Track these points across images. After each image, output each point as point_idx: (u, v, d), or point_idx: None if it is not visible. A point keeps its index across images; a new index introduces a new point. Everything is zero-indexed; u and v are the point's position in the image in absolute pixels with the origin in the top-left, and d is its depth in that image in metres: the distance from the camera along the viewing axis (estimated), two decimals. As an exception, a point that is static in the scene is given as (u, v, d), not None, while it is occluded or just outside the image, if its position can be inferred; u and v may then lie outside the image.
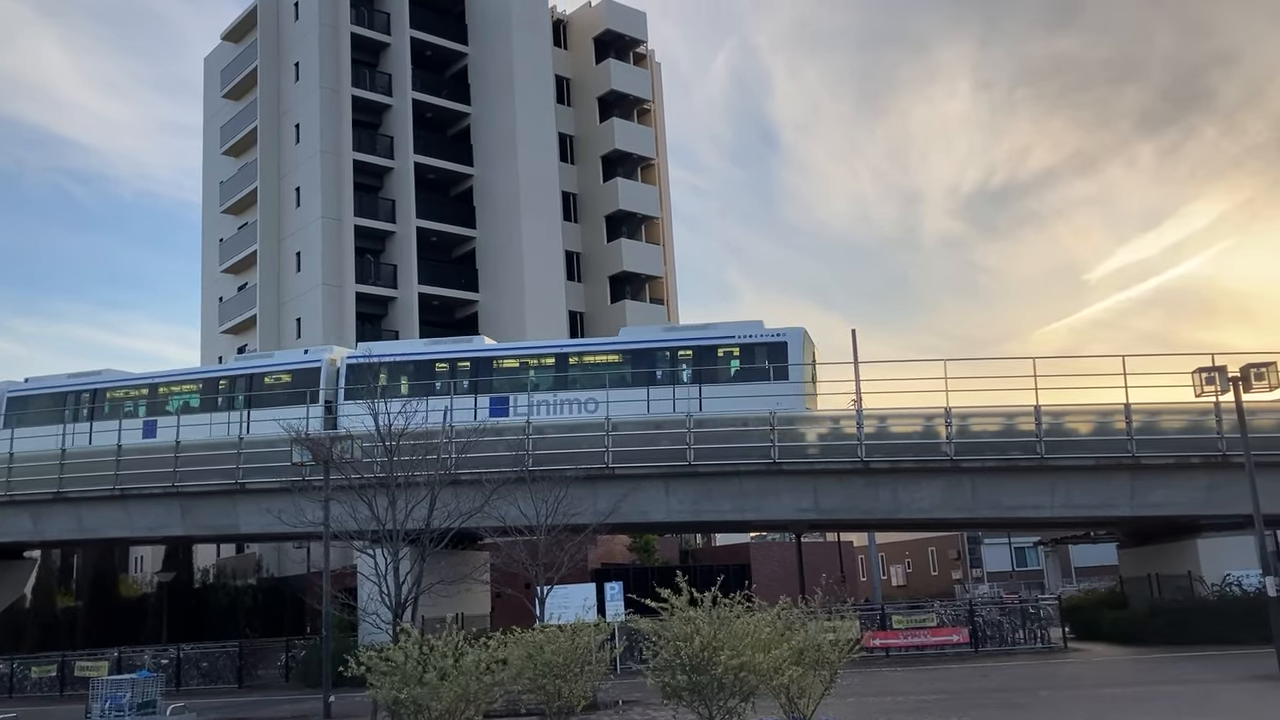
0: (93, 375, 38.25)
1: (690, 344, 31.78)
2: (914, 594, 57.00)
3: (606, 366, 32.29)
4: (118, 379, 38.20)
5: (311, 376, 33.59)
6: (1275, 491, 26.94)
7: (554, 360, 32.97)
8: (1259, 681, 19.32)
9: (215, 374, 37.11)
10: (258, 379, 34.54)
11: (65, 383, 38.31)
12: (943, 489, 29.20)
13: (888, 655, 28.28)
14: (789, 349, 31.05)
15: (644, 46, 55.83)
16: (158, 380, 37.13)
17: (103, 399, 36.88)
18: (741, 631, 11.19)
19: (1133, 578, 34.35)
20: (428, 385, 31.81)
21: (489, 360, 33.49)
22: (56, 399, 37.33)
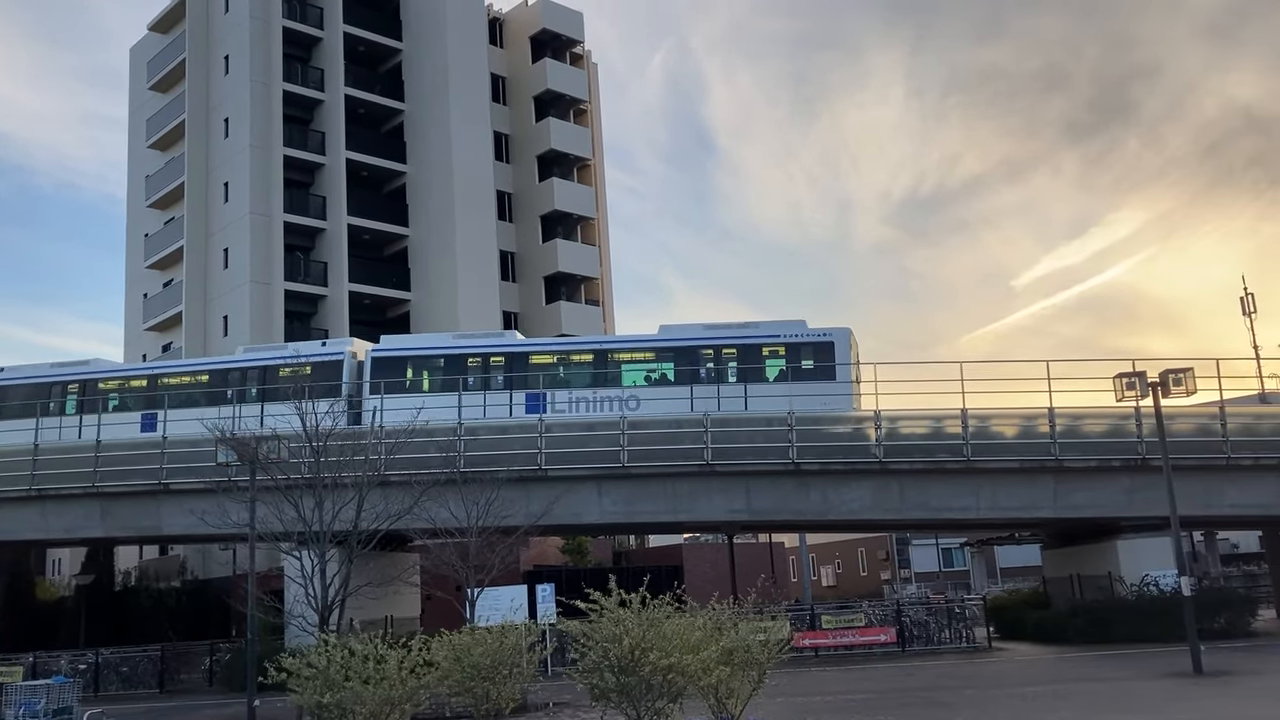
0: (79, 365, 36.29)
1: (735, 342, 31.57)
2: (844, 594, 57.67)
3: (645, 363, 32.08)
4: (110, 369, 36.66)
5: (332, 370, 32.46)
6: (1192, 494, 27.74)
7: (592, 356, 32.44)
8: (1174, 679, 19.83)
9: (224, 365, 34.82)
10: (271, 371, 32.89)
11: (48, 373, 36.09)
12: (872, 490, 29.54)
13: (817, 655, 28.53)
14: (835, 349, 31.17)
15: (580, 47, 55.74)
16: (158, 371, 35.59)
17: (93, 390, 34.89)
18: (670, 633, 11.19)
19: (1055, 578, 35.07)
20: (458, 380, 31.20)
21: (524, 355, 32.57)
22: (38, 390, 34.92)
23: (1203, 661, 20.62)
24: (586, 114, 55.54)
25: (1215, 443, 28.94)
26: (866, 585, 60.61)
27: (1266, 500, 29.73)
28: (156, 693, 30.30)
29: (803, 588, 46.03)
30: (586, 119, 55.44)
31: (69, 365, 36.42)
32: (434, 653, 13.24)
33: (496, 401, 31.05)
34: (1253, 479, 29.56)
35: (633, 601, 11.78)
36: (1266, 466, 29.35)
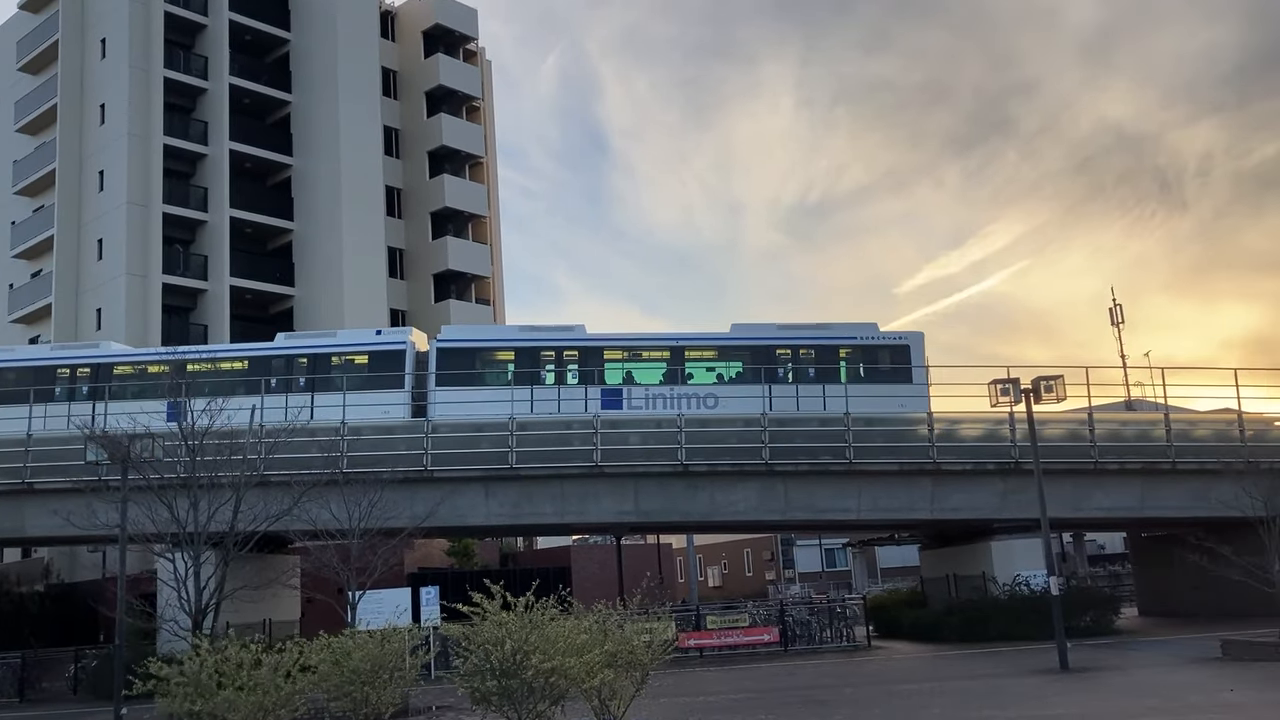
0: (89, 348, 33.70)
1: (812, 342, 31.72)
2: (729, 595, 58.27)
3: (720, 361, 31.84)
4: (128, 353, 34.24)
5: (392, 360, 31.12)
6: (1061, 497, 28.86)
7: (669, 353, 31.92)
8: (1041, 675, 20.56)
9: (265, 352, 32.48)
10: (322, 360, 31.39)
11: (48, 355, 33.46)
12: (758, 492, 29.94)
13: (701, 655, 28.77)
14: (911, 351, 31.75)
15: (474, 43, 55.25)
16: (186, 356, 32.86)
17: (107, 375, 32.05)
18: (554, 635, 11.14)
19: (932, 578, 36.04)
20: (527, 374, 30.83)
21: (599, 350, 31.74)
22: (39, 374, 32.15)
23: (1069, 658, 21.44)
24: (479, 111, 55.09)
25: (1084, 448, 30.14)
26: (752, 585, 61.40)
27: (1130, 503, 31.08)
28: (16, 701, 28.97)
29: (689, 588, 46.40)
30: (479, 116, 54.99)
31: (73, 347, 33.75)
32: (312, 657, 12.92)
33: (571, 396, 30.65)
34: (1118, 483, 30.87)
35: (517, 604, 11.70)
36: (1131, 471, 30.68)
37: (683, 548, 51.62)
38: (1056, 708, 16.00)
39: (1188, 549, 26.82)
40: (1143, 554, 40.70)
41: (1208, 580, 26.69)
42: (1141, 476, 30.86)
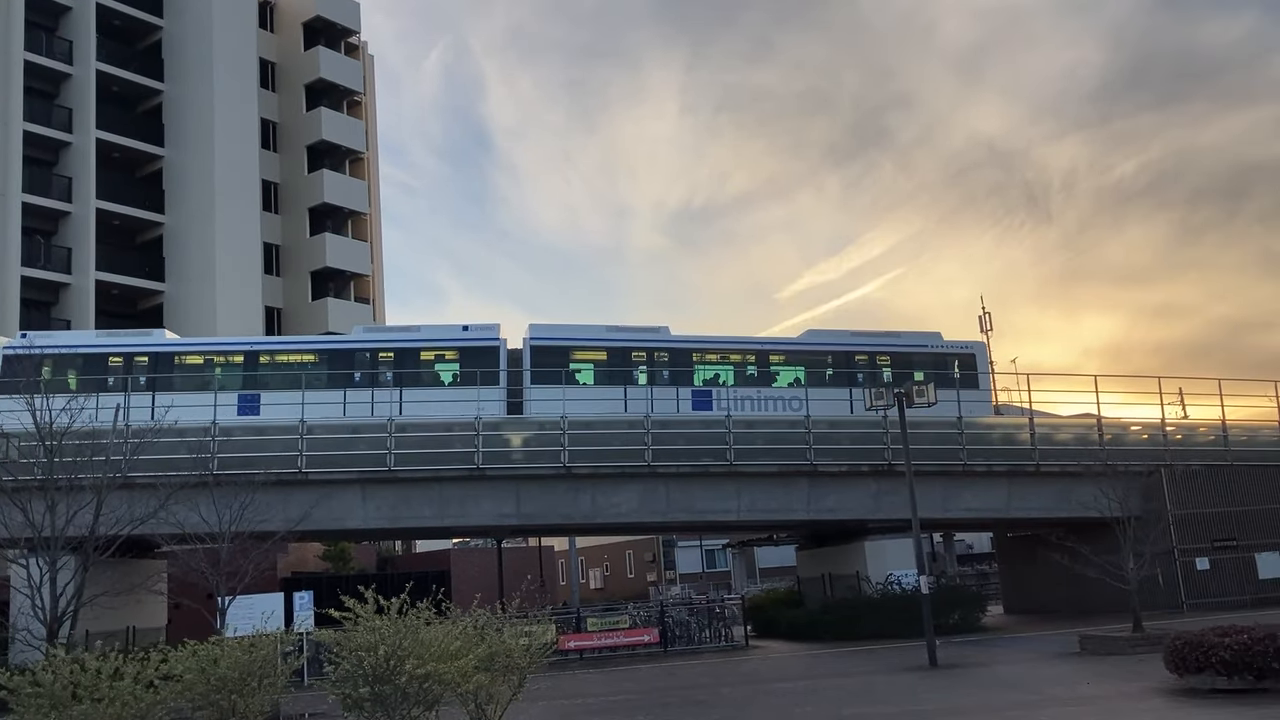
0: (139, 335, 31.74)
1: (887, 349, 32.79)
2: (611, 596, 58.38)
3: (801, 365, 32.62)
4: (192, 341, 32.40)
5: (484, 356, 30.74)
6: (932, 498, 29.75)
7: (754, 356, 32.54)
8: (912, 672, 21.13)
9: (347, 345, 31.84)
10: (409, 354, 30.86)
11: (96, 342, 31.17)
12: (640, 493, 30.06)
13: (581, 658, 28.72)
14: (977, 359, 33.83)
15: (356, 37, 54.22)
16: (260, 347, 31.69)
17: (166, 365, 30.45)
18: (429, 640, 10.95)
19: (809, 578, 36.74)
20: (617, 374, 31.11)
21: (688, 352, 32.24)
22: (88, 363, 30.13)
23: (939, 655, 22.08)
24: (361, 106, 54.06)
25: (953, 450, 31.11)
26: (634, 587, 61.64)
27: (997, 504, 32.20)
28: None
29: (571, 590, 46.30)
30: (361, 111, 53.96)
31: (123, 334, 31.79)
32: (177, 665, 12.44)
33: (662, 396, 30.97)
34: (985, 484, 31.95)
35: (391, 608, 11.47)
36: (997, 473, 31.80)
37: (565, 550, 51.53)
38: (926, 703, 16.44)
39: (1050, 548, 27.93)
40: (1008, 553, 42.19)
41: (1068, 578, 27.83)
42: (1007, 478, 32.01)
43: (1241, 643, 14.78)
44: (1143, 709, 14.22)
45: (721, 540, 56.11)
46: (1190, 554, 31.84)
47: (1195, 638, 15.51)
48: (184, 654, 12.76)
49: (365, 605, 11.34)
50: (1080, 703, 15.14)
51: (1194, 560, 31.87)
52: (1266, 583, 32.10)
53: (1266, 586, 31.89)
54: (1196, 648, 15.21)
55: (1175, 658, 15.58)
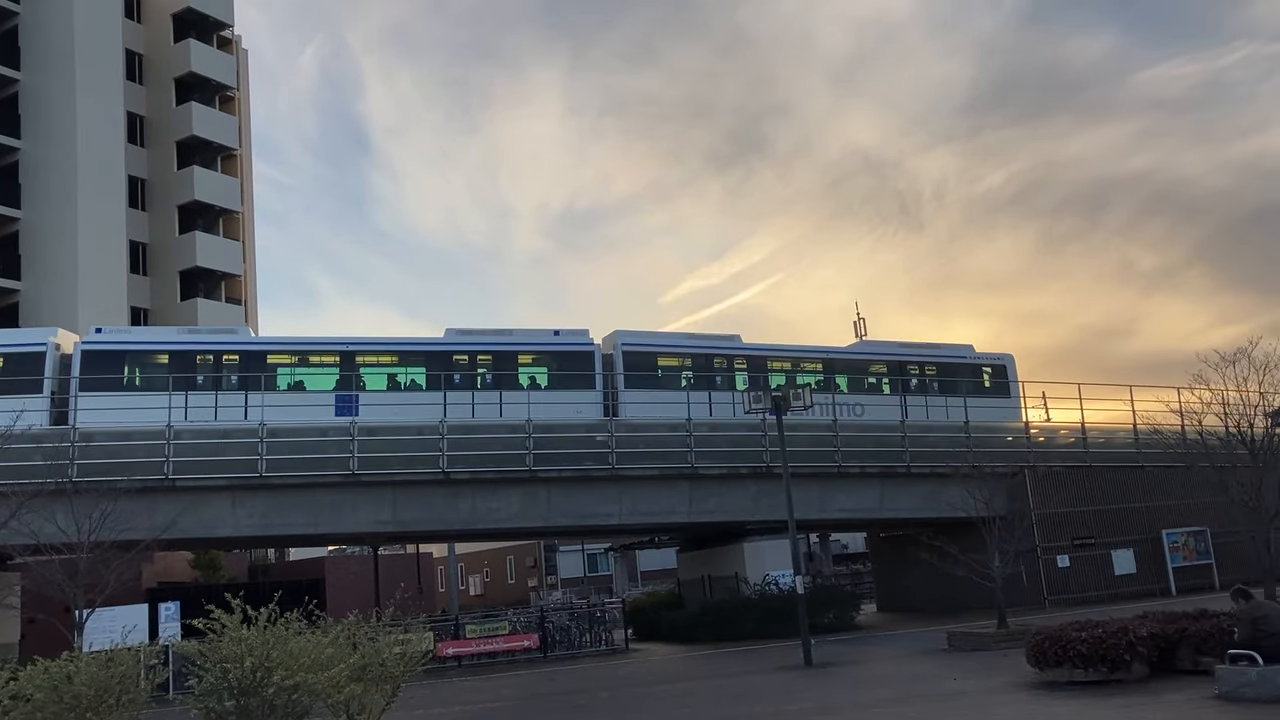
0: (225, 333, 30.97)
1: (932, 360, 35.62)
2: (491, 603, 57.91)
3: (861, 374, 35.04)
4: (285, 340, 31.66)
5: (579, 361, 31.81)
6: (809, 499, 30.33)
7: (821, 364, 34.65)
8: (788, 671, 21.49)
9: (445, 347, 31.48)
10: (505, 357, 31.41)
11: (177, 339, 30.21)
12: (521, 498, 29.89)
13: (460, 664, 28.40)
14: (1008, 369, 36.69)
15: (230, 30, 52.52)
16: (354, 347, 30.83)
17: (258, 363, 29.69)
18: (298, 650, 10.66)
19: (689, 580, 37.05)
20: (699, 378, 32.58)
21: (764, 359, 34.17)
22: (175, 360, 29.25)
23: (813, 654, 22.52)
24: (234, 101, 52.41)
25: (829, 453, 31.77)
26: (515, 593, 61.23)
27: (870, 505, 33.03)
28: None
29: (450, 597, 45.73)
30: (233, 106, 52.31)
31: (208, 331, 30.91)
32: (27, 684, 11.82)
33: (742, 400, 30.72)
34: (859, 485, 32.75)
35: (260, 618, 11.13)
36: (871, 474, 32.62)
37: (444, 557, 50.86)
38: (801, 702, 16.73)
39: (920, 548, 28.71)
40: (881, 553, 43.31)
41: (938, 577, 28.67)
42: (880, 480, 32.87)
43: (1097, 636, 15.46)
44: (1005, 702, 14.73)
45: (604, 544, 56.16)
46: (1052, 552, 33.16)
47: (1055, 633, 16.15)
48: (35, 671, 12.14)
49: (232, 615, 10.98)
50: (946, 698, 15.60)
51: (1055, 558, 33.20)
52: (1121, 578, 33.65)
53: (1121, 582, 33.43)
54: (1056, 642, 15.83)
55: (1036, 652, 16.19)
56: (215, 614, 10.99)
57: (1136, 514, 34.50)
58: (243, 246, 51.05)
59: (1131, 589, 32.95)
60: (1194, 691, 13.84)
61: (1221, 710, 12.44)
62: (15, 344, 29.07)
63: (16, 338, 29.93)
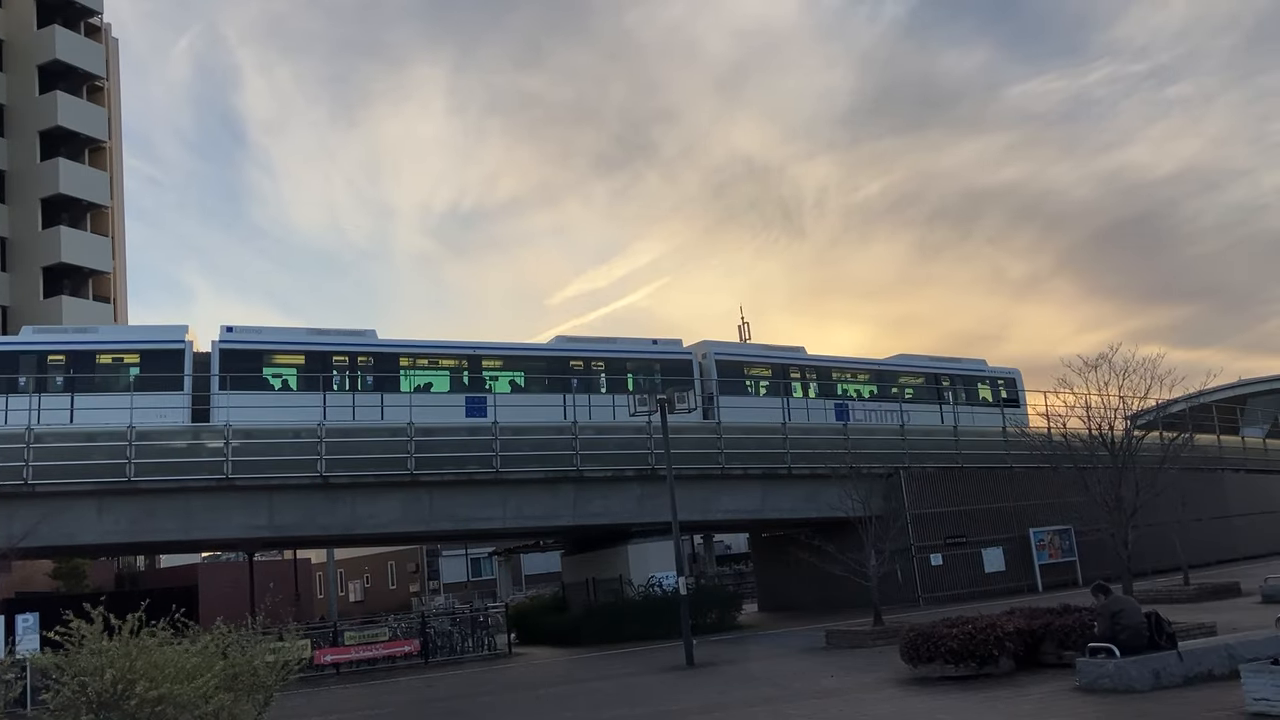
0: (355, 334, 31.17)
1: (959, 372, 39.82)
2: (372, 609, 56.77)
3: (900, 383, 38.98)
4: (414, 343, 32.19)
5: (681, 368, 34.21)
6: (693, 501, 30.59)
7: (869, 374, 38.69)
8: (670, 672, 21.62)
9: (559, 353, 33.54)
10: (616, 364, 33.58)
11: (309, 340, 30.41)
12: (402, 503, 29.41)
13: (338, 672, 27.81)
14: (1017, 382, 41.06)
15: (98, 17, 50.50)
16: (479, 351, 32.53)
17: (390, 364, 30.86)
18: (163, 661, 10.27)
19: (574, 583, 37.00)
20: (776, 385, 35.77)
21: (829, 369, 37.81)
22: (310, 360, 29.93)
23: (695, 654, 22.70)
24: (103, 92, 50.44)
25: (713, 455, 32.11)
26: (396, 598, 60.17)
27: (752, 505, 33.51)
28: None
29: (329, 604, 44.78)
30: (103, 97, 50.34)
31: (338, 332, 31.20)
32: None
33: (812, 406, 35.93)
34: (742, 487, 33.19)
35: (124, 628, 10.69)
36: (753, 476, 33.09)
37: (323, 562, 49.75)
38: (682, 702, 16.85)
39: (800, 548, 29.27)
40: (763, 553, 43.97)
41: (817, 576, 29.23)
42: (762, 481, 33.37)
43: (967, 633, 15.96)
44: (879, 698, 15.08)
45: (487, 548, 55.70)
46: (926, 550, 34.15)
47: (927, 629, 16.62)
48: None
49: (93, 625, 10.51)
50: (823, 695, 15.90)
51: (929, 556, 34.21)
52: (992, 575, 34.86)
53: (991, 579, 34.62)
54: (928, 639, 16.29)
55: (909, 649, 16.63)
56: (74, 624, 10.51)
57: (1005, 513, 35.79)
58: (112, 242, 49.16)
59: (1001, 586, 34.15)
60: (1056, 684, 14.38)
61: (1080, 701, 12.96)
62: (153, 340, 29.18)
63: (152, 334, 29.68)
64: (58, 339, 29.04)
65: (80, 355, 28.45)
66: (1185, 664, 13.34)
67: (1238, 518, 43.45)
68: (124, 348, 29.25)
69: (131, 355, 29.00)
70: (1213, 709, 11.41)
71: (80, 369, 28.33)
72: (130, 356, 28.96)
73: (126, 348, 29.25)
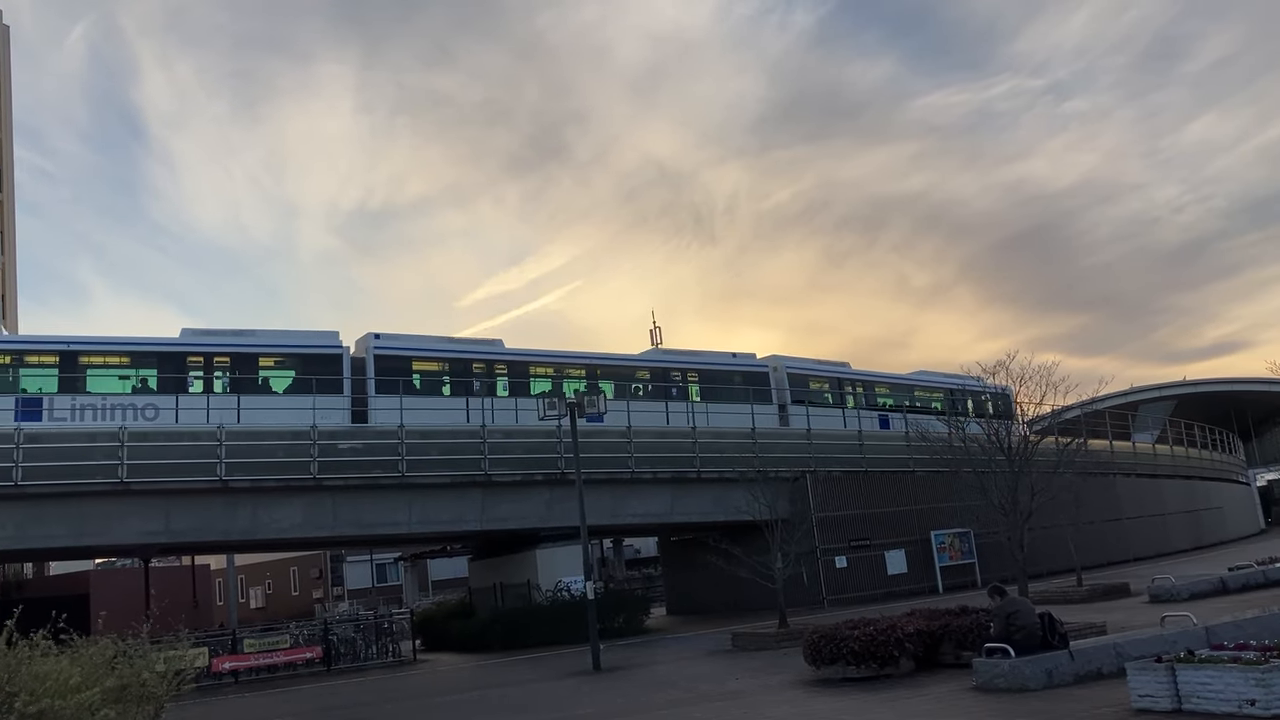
0: (488, 344, 34.01)
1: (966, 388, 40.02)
2: (274, 615, 55.54)
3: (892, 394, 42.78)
4: (538, 353, 34.95)
5: (759, 378, 37.98)
6: (602, 505, 30.62)
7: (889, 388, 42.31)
8: (577, 677, 21.55)
9: (652, 363, 36.95)
10: (706, 374, 35.88)
11: (449, 348, 33.01)
12: (304, 508, 28.84)
13: (237, 680, 27.14)
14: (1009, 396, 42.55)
15: (-11, 3, 48.70)
16: (595, 361, 35.74)
17: (522, 372, 33.49)
18: (44, 673, 9.86)
19: (481, 588, 36.68)
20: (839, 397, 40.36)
21: (872, 384, 41.48)
22: (452, 366, 32.46)
23: (602, 659, 22.67)
24: (-7, 81, 48.58)
25: (623, 459, 32.14)
26: (299, 605, 58.93)
27: (661, 509, 33.63)
28: None
29: (229, 611, 43.68)
30: (-8, 86, 48.49)
31: (472, 342, 34.34)
32: None
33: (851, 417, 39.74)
34: (652, 491, 33.30)
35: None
36: (662, 480, 33.21)
37: (223, 568, 48.52)
38: (587, 707, 16.81)
39: (708, 551, 29.44)
40: (671, 557, 44.15)
41: (725, 579, 29.49)
42: (672, 485, 33.52)
43: (868, 634, 16.22)
44: (781, 700, 15.23)
45: (393, 554, 54.92)
46: (831, 553, 34.65)
47: (830, 631, 16.85)
48: None
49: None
50: (727, 697, 16.01)
51: (834, 558, 34.72)
52: (894, 577, 35.52)
53: (894, 581, 35.28)
54: (831, 640, 16.52)
55: (812, 650, 16.83)
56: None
57: (908, 516, 36.52)
58: (0, 236, 47.31)
59: (904, 588, 34.82)
60: (954, 684, 14.69)
61: (976, 700, 13.26)
62: (313, 345, 30.54)
63: (310, 339, 30.83)
64: (219, 341, 29.79)
65: (242, 358, 29.47)
66: (1076, 663, 13.74)
67: (1129, 520, 45.01)
68: (284, 351, 30.27)
69: (292, 358, 30.29)
70: (1101, 706, 11.75)
71: (242, 370, 29.39)
72: (290, 360, 30.30)
73: (287, 351, 30.29)
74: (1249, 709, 10.24)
